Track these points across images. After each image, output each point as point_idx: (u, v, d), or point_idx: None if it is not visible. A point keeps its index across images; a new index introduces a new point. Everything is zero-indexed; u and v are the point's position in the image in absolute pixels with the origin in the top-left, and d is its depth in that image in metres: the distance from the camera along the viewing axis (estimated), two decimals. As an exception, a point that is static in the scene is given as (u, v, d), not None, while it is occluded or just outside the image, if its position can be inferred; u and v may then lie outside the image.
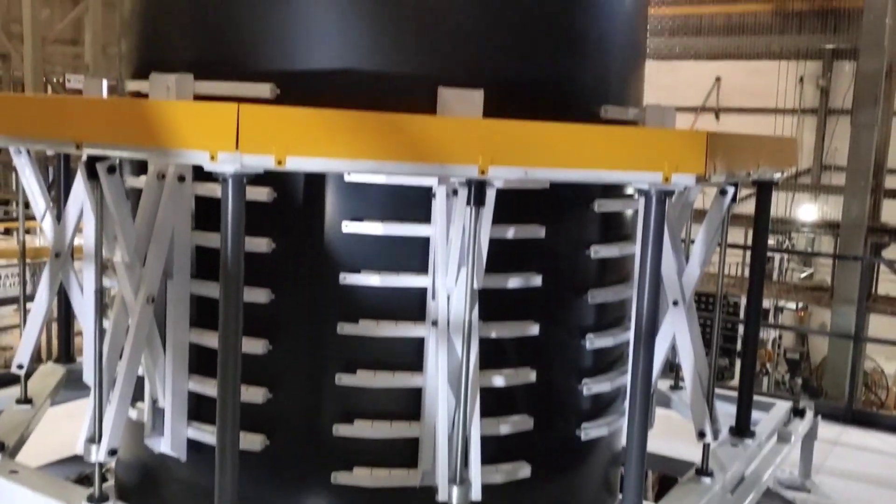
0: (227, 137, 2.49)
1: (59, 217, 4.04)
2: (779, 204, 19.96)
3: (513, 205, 3.10)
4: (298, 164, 2.54)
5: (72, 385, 4.70)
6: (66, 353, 4.80)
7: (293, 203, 3.17)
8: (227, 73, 3.17)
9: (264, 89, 3.07)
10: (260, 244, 3.12)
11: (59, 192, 4.37)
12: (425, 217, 3.11)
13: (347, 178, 3.09)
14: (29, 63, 14.95)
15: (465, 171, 2.67)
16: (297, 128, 2.55)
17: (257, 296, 3.11)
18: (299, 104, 2.68)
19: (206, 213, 3.23)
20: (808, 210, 21.04)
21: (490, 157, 2.65)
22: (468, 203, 2.81)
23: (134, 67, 3.57)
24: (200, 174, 3.14)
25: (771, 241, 10.86)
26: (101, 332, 3.14)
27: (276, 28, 3.15)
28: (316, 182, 3.14)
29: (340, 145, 2.55)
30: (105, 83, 3.80)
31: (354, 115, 2.59)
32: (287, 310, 3.20)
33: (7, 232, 14.52)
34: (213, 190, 3.15)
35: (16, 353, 3.94)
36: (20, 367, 3.94)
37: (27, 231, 6.95)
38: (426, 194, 3.10)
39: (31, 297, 4.21)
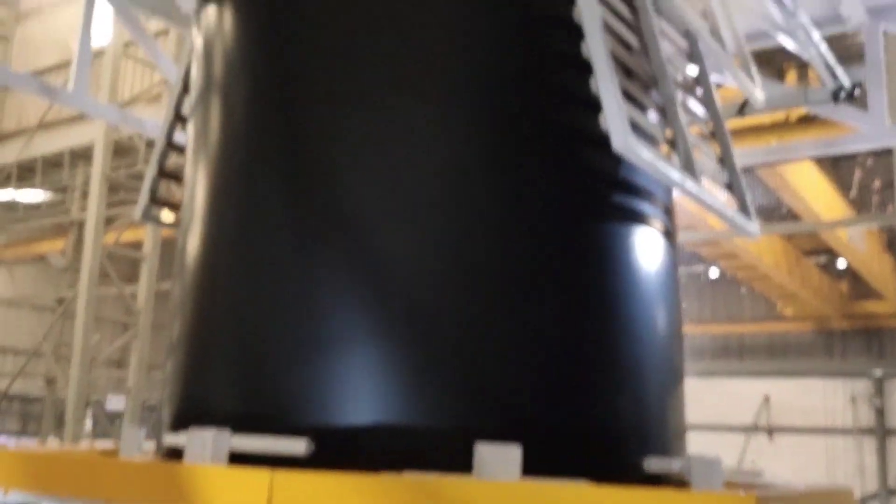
0: (257, 507, 2.40)
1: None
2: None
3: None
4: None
5: None
6: None
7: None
8: (264, 427, 3.16)
9: (299, 446, 3.02)
10: None
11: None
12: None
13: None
14: (74, 386, 15.39)
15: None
16: (333, 494, 2.46)
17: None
18: (333, 461, 2.62)
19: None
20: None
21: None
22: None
23: (173, 418, 3.59)
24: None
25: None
26: None
27: (311, 382, 3.18)
28: None
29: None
30: (142, 436, 3.80)
31: (387, 480, 2.50)
32: None
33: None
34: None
35: None
36: None
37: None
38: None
39: None
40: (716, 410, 20.79)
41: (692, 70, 4.26)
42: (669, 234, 3.97)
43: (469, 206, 3.35)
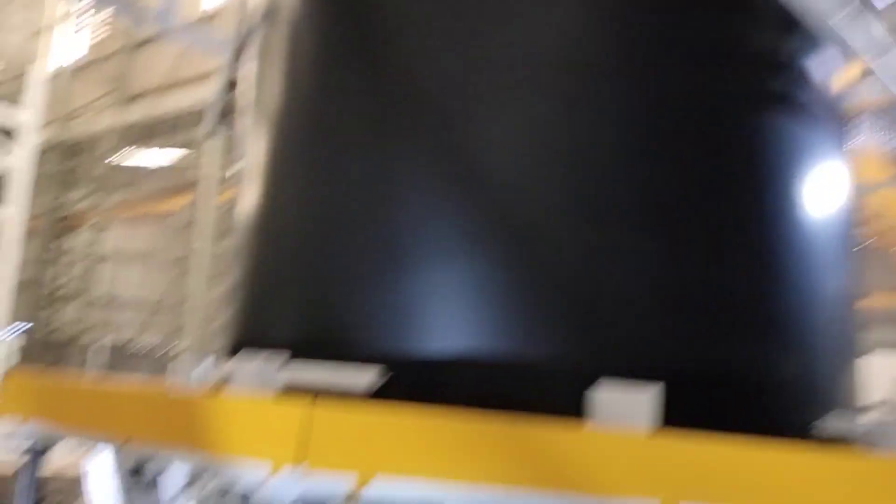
0: (289, 449, 1.77)
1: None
2: None
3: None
4: (388, 488, 1.76)
5: None
6: None
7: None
8: (327, 354, 2.53)
9: (366, 377, 2.38)
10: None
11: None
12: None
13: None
14: (192, 339, 15.43)
15: (632, 509, 1.79)
16: (392, 438, 1.80)
17: None
18: (406, 396, 1.97)
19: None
20: None
21: (675, 490, 1.77)
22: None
23: (230, 341, 3.02)
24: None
25: None
26: None
27: (387, 304, 2.52)
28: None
29: (455, 465, 1.76)
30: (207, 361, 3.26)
31: (473, 423, 1.82)
32: None
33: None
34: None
35: None
36: None
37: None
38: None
39: None
40: None
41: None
42: (836, 178, 3.06)
43: (605, 105, 2.60)
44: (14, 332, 13.72)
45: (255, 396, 1.92)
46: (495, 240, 2.53)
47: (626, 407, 2.10)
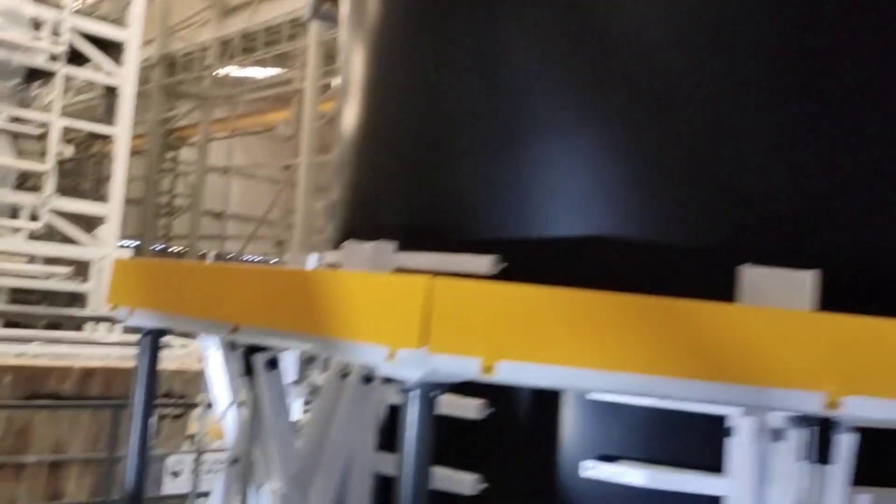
0: (410, 327, 1.61)
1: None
2: None
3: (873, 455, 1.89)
4: (519, 373, 1.59)
5: None
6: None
7: (515, 424, 2.19)
8: (439, 242, 2.36)
9: (483, 262, 2.19)
10: (463, 482, 2.14)
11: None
12: (715, 462, 1.99)
13: (593, 394, 2.07)
14: (298, 249, 15.65)
15: (798, 400, 1.57)
16: (522, 317, 1.61)
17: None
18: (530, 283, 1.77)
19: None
20: None
21: (845, 380, 1.53)
22: (806, 456, 1.67)
23: (336, 237, 2.89)
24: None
25: None
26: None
27: (505, 186, 2.31)
28: (549, 396, 2.15)
29: (590, 347, 1.57)
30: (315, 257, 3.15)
31: (618, 298, 1.61)
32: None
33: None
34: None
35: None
36: None
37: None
38: (715, 427, 1.99)
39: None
40: None
41: None
42: None
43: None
44: (126, 247, 14.19)
45: (375, 274, 1.76)
46: (627, 112, 2.27)
47: (782, 289, 1.86)
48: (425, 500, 1.67)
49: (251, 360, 2.12)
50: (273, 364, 2.11)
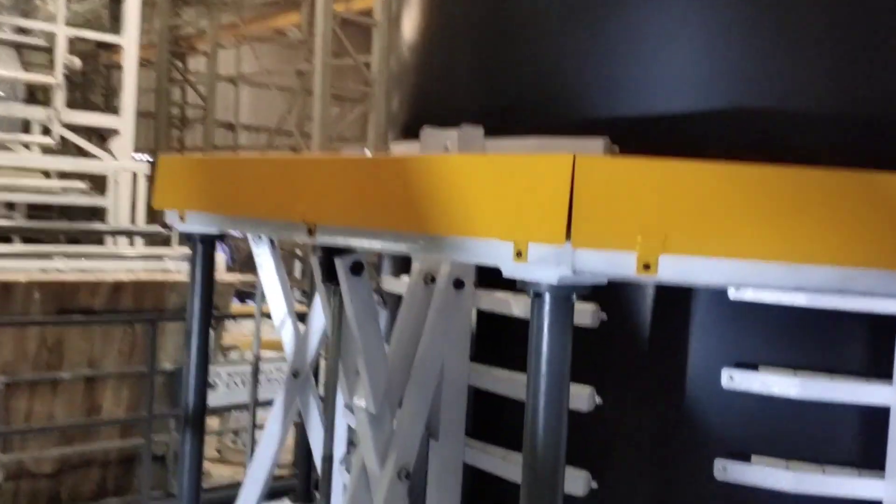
0: (549, 217, 1.32)
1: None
2: None
3: None
4: (685, 270, 1.30)
5: (314, 533, 3.73)
6: (306, 490, 3.84)
7: (633, 331, 1.92)
8: (532, 125, 2.04)
9: (594, 146, 1.88)
10: (578, 396, 1.89)
11: (310, 294, 3.48)
12: (868, 368, 1.73)
13: (734, 295, 1.79)
14: (319, 85, 15.11)
15: None
16: (691, 200, 1.31)
17: (573, 482, 1.86)
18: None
19: (495, 338, 2.09)
20: None
21: None
22: None
23: (400, 128, 2.57)
24: (489, 277, 2.02)
25: None
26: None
27: (612, 58, 1.97)
28: (674, 297, 1.87)
29: (781, 235, 1.28)
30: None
31: (817, 174, 1.31)
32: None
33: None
34: (504, 303, 2.02)
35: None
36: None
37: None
38: (877, 329, 1.72)
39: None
40: None
41: None
42: None
43: None
44: (141, 160, 13.88)
45: (496, 155, 1.45)
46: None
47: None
48: (564, 425, 1.41)
49: (331, 265, 1.84)
50: (358, 269, 1.83)
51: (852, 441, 1.77)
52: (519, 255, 1.38)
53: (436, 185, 1.50)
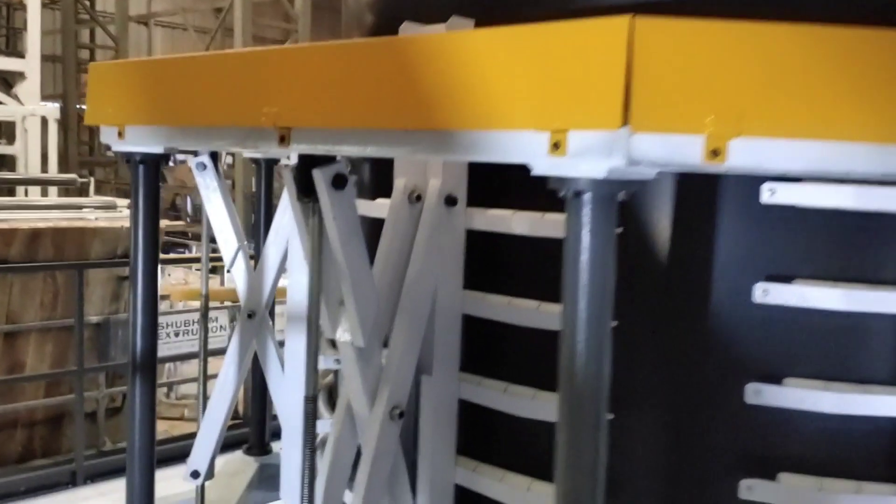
0: (600, 97, 1.09)
1: (256, 261, 2.85)
2: None
3: None
4: (761, 155, 1.10)
5: (267, 483, 3.53)
6: (261, 441, 3.61)
7: (651, 243, 1.72)
8: (532, 13, 1.79)
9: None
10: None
11: (257, 225, 3.20)
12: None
13: (768, 199, 1.59)
14: (239, 23, 14.20)
15: None
16: (771, 72, 1.09)
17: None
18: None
19: (491, 261, 1.86)
20: None
21: None
22: None
23: (365, 32, 2.29)
24: (484, 193, 1.79)
25: None
26: (311, 452, 1.82)
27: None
28: (696, 203, 1.67)
29: (880, 112, 1.07)
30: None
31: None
32: (644, 439, 1.74)
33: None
34: (502, 221, 1.79)
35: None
36: (195, 474, 2.72)
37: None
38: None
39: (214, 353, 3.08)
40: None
41: None
42: None
43: None
44: (49, 105, 13.08)
45: (522, 25, 1.20)
46: None
47: None
48: (607, 353, 1.20)
49: (308, 179, 1.58)
50: (341, 181, 1.57)
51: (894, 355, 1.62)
52: (556, 146, 1.15)
53: (445, 70, 1.24)
